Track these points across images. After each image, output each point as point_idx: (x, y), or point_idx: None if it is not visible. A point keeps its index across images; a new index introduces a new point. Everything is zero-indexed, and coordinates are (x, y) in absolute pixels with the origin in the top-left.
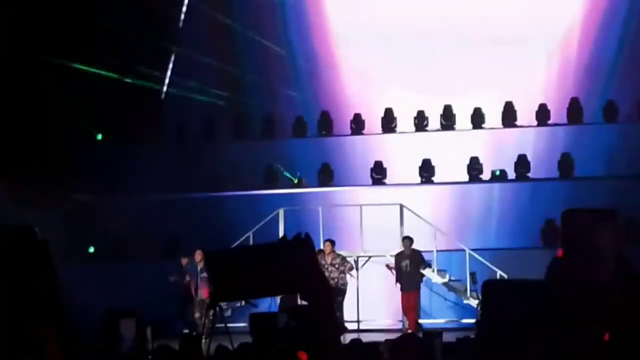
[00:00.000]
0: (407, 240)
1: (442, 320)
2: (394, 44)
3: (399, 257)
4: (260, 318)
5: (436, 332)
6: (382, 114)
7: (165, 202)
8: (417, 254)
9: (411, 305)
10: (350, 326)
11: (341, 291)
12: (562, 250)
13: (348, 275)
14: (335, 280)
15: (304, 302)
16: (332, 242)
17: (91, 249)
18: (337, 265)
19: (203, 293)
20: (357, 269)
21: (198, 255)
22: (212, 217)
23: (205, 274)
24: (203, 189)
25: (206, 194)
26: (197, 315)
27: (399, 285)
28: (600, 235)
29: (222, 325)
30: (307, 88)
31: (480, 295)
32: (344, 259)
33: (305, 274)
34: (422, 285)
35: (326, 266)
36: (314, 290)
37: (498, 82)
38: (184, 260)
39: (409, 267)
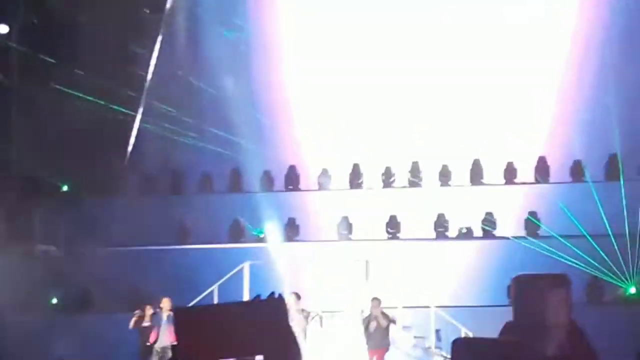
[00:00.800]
0: (376, 301)
1: None
2: (360, 98)
3: (366, 318)
4: None
5: None
6: (349, 170)
7: (131, 253)
8: (385, 316)
9: None
10: None
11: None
12: (513, 317)
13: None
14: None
15: None
16: (298, 296)
17: (54, 300)
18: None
19: (167, 339)
20: (321, 325)
21: (165, 303)
22: (178, 270)
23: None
24: (168, 241)
25: (171, 246)
26: None
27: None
28: (550, 302)
29: None
30: (273, 142)
31: (450, 354)
32: (308, 314)
33: (277, 337)
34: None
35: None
36: (285, 354)
37: (466, 139)
38: (148, 309)
39: (376, 327)
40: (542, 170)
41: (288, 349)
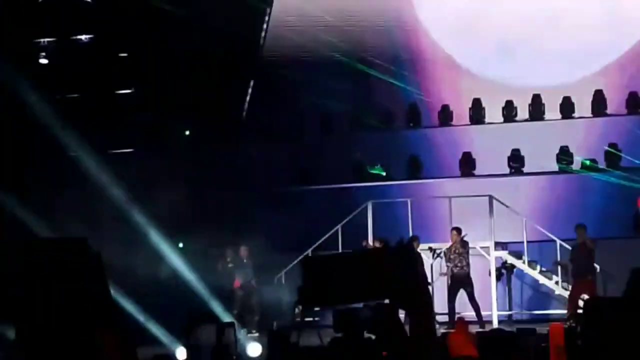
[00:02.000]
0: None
1: (532, 312)
2: (481, 33)
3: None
4: (345, 314)
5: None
6: (469, 105)
7: (258, 196)
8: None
9: None
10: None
11: (468, 280)
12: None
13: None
14: (459, 267)
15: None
16: (457, 230)
17: None
18: (460, 253)
19: (235, 284)
20: (447, 261)
21: (243, 251)
22: (300, 211)
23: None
24: (291, 183)
25: (294, 187)
26: (235, 312)
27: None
28: None
29: (310, 319)
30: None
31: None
32: (467, 246)
33: (404, 283)
34: (512, 276)
35: (451, 255)
36: (412, 299)
37: (587, 70)
38: (229, 253)
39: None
40: None
41: (415, 294)
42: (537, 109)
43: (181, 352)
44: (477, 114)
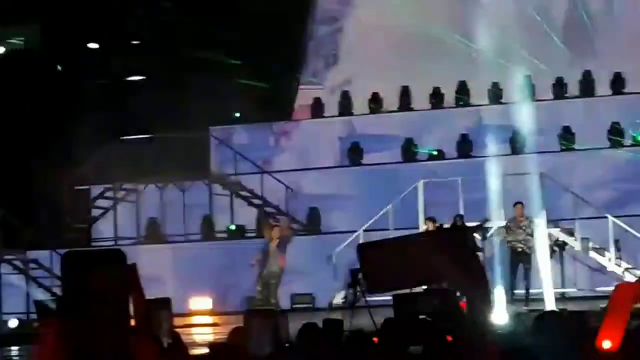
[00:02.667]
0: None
1: (585, 289)
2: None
3: None
4: (404, 297)
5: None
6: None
7: (299, 175)
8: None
9: None
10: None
11: (528, 257)
12: None
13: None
14: (522, 243)
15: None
16: (522, 205)
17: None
18: (524, 228)
19: (275, 265)
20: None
21: (276, 232)
22: (351, 191)
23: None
24: (341, 161)
25: (346, 167)
26: (258, 288)
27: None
28: None
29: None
30: (443, 59)
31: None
32: (532, 222)
33: (461, 265)
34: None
35: (514, 229)
36: (469, 281)
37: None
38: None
39: None
40: None
41: (472, 276)
42: (587, 86)
43: None
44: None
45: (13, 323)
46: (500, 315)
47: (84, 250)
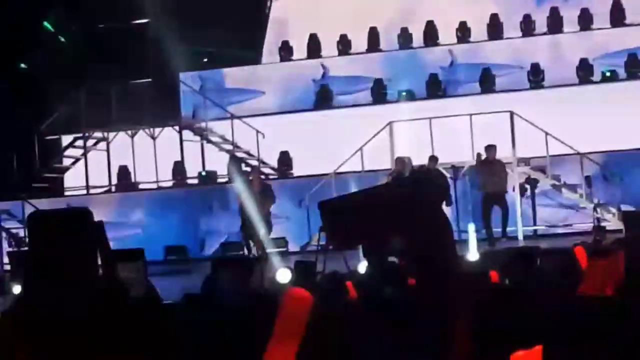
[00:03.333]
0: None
1: (556, 226)
2: None
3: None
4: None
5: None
6: (487, 21)
7: (273, 120)
8: None
9: None
10: None
11: (502, 198)
12: None
13: None
14: (495, 184)
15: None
16: (494, 147)
17: None
18: (497, 170)
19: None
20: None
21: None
22: (321, 134)
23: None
24: (311, 106)
25: (314, 111)
26: (242, 234)
27: None
28: None
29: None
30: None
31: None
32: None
33: (422, 218)
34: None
35: (486, 170)
36: (430, 233)
37: None
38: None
39: None
40: None
41: (434, 228)
42: (555, 23)
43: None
44: (495, 29)
45: None
46: (472, 254)
47: (49, 211)
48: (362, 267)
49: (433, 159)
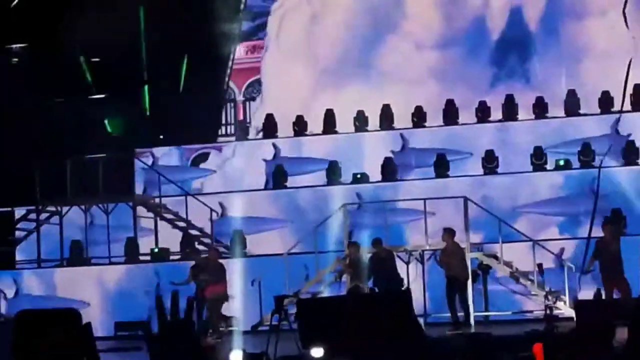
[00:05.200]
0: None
1: (508, 312)
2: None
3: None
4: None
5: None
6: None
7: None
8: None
9: None
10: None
11: (464, 284)
12: None
13: None
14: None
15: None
16: (452, 231)
17: None
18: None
19: (207, 292)
20: (422, 263)
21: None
22: (278, 212)
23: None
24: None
25: (267, 190)
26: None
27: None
28: None
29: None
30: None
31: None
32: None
33: (400, 329)
34: (487, 277)
35: (449, 259)
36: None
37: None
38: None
39: None
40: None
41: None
42: (511, 110)
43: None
44: (450, 115)
45: None
46: None
47: (38, 310)
48: (316, 352)
49: (378, 241)
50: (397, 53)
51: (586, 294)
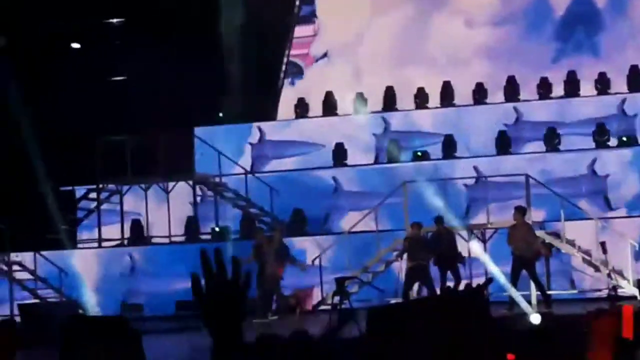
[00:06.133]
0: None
1: (573, 291)
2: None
3: None
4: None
5: None
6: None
7: (288, 176)
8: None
9: None
10: None
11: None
12: None
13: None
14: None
15: None
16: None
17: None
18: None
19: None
20: (484, 242)
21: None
22: (339, 189)
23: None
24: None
25: (327, 168)
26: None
27: None
28: None
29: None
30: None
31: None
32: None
33: (473, 330)
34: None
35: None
36: (482, 346)
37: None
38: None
39: None
40: None
41: (486, 341)
42: (573, 86)
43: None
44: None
45: None
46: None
47: (88, 316)
48: None
49: (439, 219)
50: (450, 31)
51: None
